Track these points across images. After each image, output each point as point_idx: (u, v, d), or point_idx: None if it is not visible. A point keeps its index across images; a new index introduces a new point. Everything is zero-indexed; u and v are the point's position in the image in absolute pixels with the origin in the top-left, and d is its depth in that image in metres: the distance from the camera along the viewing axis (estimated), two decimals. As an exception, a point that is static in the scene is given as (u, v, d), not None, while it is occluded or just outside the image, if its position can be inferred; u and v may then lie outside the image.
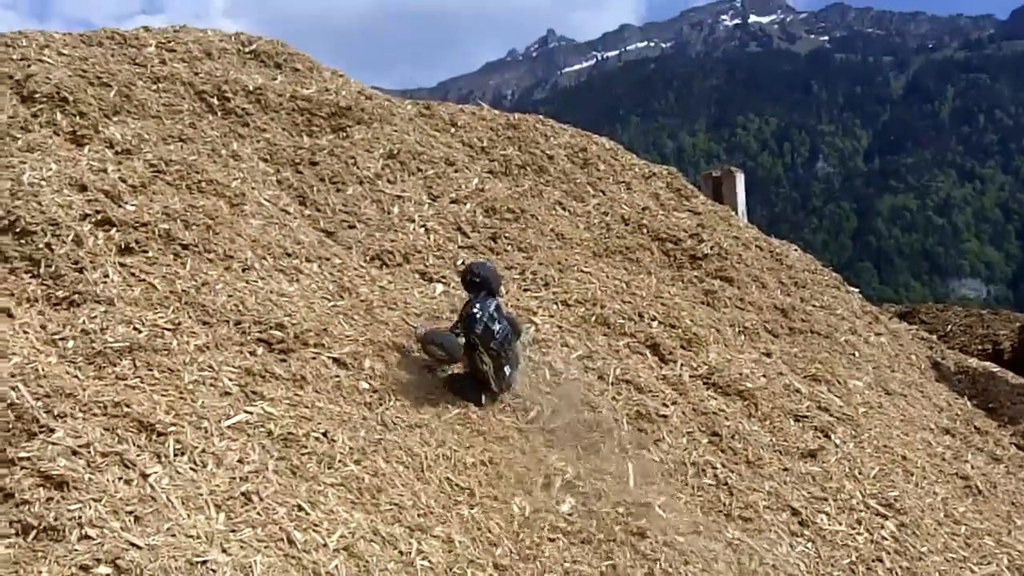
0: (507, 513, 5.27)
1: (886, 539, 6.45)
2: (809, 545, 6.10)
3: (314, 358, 5.69)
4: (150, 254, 5.97)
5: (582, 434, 6.17)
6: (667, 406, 6.74)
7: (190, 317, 5.56)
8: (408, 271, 7.28)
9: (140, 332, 5.25)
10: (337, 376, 5.65)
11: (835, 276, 10.44)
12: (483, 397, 6.11)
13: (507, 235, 8.06)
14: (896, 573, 6.20)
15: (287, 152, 8.09)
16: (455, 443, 5.58)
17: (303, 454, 4.86)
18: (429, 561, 4.64)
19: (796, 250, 10.47)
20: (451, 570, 4.70)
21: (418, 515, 4.90)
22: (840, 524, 6.39)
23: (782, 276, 9.46)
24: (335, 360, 5.77)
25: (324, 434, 5.05)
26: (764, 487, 6.40)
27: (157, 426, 4.61)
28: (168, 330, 5.37)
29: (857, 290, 10.73)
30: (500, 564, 4.96)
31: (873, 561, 6.22)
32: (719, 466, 6.40)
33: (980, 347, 12.77)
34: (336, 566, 4.26)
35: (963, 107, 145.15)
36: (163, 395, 4.88)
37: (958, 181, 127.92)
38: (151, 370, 5.05)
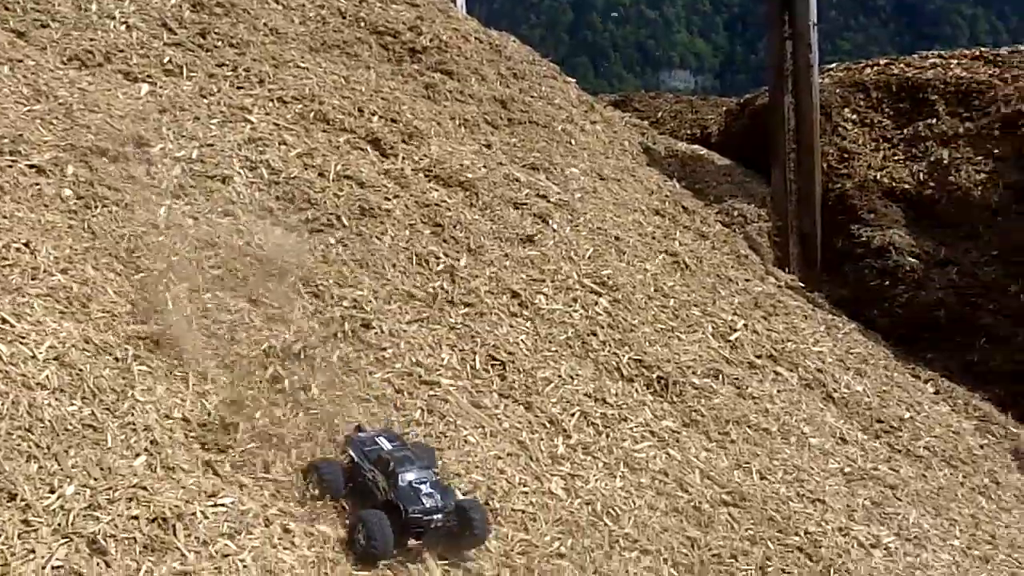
0: (233, 307, 5.25)
1: (600, 315, 6.86)
2: (528, 324, 6.40)
3: (10, 166, 5.32)
4: None
5: (304, 231, 6.14)
6: (390, 200, 6.77)
7: None
8: (110, 71, 6.84)
9: None
10: (37, 184, 5.31)
11: (552, 66, 10.57)
12: None
13: (217, 30, 7.68)
14: (609, 345, 6.63)
15: (-38, -55, 7.30)
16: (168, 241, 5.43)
17: (4, 266, 4.58)
18: (148, 366, 4.56)
19: (515, 41, 10.51)
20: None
21: (133, 322, 4.78)
22: (557, 303, 6.73)
23: (501, 68, 9.52)
24: (34, 167, 5.41)
25: (26, 244, 4.77)
26: (485, 273, 6.62)
27: None
28: None
29: (574, 81, 10.94)
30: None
31: (588, 335, 6.62)
32: (442, 256, 6.54)
33: (689, 132, 13.32)
34: (47, 376, 4.11)
35: None
36: None
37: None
38: None
